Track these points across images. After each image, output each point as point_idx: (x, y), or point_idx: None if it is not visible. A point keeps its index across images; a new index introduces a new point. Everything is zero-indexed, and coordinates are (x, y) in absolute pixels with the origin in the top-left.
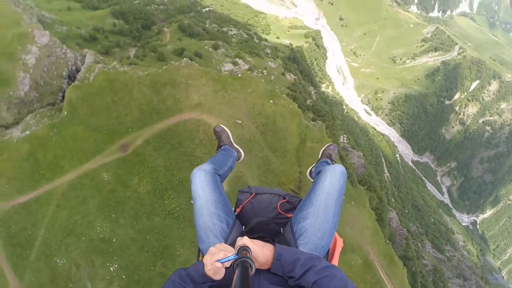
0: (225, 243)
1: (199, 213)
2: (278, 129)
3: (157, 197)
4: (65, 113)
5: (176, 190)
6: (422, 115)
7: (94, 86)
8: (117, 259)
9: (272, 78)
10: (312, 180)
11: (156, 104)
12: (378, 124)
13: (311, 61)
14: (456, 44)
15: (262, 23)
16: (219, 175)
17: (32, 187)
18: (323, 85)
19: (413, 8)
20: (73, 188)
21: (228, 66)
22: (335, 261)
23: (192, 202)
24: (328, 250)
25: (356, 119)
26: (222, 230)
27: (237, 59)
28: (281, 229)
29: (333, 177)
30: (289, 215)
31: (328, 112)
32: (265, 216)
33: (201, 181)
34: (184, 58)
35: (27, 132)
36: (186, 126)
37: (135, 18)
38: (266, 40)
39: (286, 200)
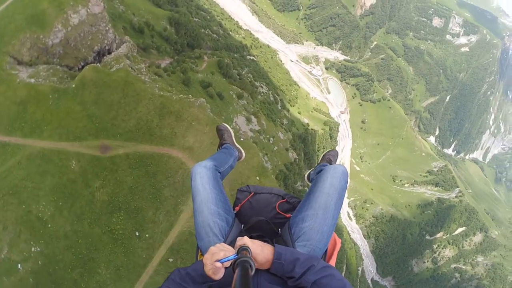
0: (225, 241)
1: (199, 211)
2: None
3: (108, 211)
4: (73, 85)
5: (128, 214)
6: (399, 240)
7: (111, 79)
8: (42, 244)
9: (274, 149)
10: (310, 183)
11: (154, 126)
12: (355, 231)
13: (318, 147)
14: (458, 187)
15: (292, 94)
16: (219, 173)
17: (7, 131)
18: None
19: (432, 138)
20: (40, 156)
21: (241, 119)
22: (332, 262)
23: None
24: (326, 250)
25: None
26: (222, 228)
27: (252, 117)
28: (279, 229)
29: (334, 177)
30: (287, 215)
31: None
32: (264, 216)
33: (201, 177)
34: (201, 99)
35: (32, 80)
36: (168, 162)
37: (185, 33)
38: (288, 110)
39: (285, 200)
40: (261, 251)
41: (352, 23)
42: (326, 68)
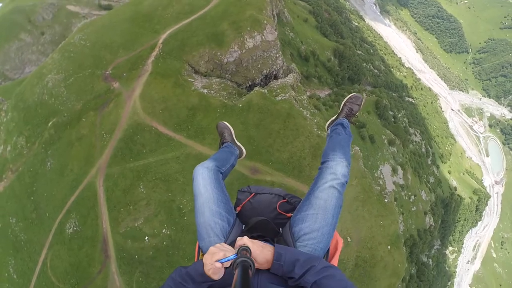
0: (226, 241)
1: (200, 211)
2: (371, 276)
3: None
4: (240, 105)
5: None
6: None
7: (275, 108)
8: (173, 230)
9: (413, 209)
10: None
11: (305, 165)
12: None
13: (459, 218)
14: None
15: (446, 148)
16: (221, 173)
17: (175, 129)
18: (450, 249)
19: None
20: (197, 158)
21: (386, 169)
22: (335, 261)
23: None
24: (328, 250)
25: None
26: (223, 228)
27: (399, 168)
28: (280, 229)
29: (334, 179)
30: (289, 215)
31: (427, 281)
32: (266, 216)
33: (203, 178)
34: (356, 147)
35: (205, 91)
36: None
37: (348, 67)
38: (437, 167)
39: (286, 200)
40: (261, 252)
41: None
42: (490, 126)
